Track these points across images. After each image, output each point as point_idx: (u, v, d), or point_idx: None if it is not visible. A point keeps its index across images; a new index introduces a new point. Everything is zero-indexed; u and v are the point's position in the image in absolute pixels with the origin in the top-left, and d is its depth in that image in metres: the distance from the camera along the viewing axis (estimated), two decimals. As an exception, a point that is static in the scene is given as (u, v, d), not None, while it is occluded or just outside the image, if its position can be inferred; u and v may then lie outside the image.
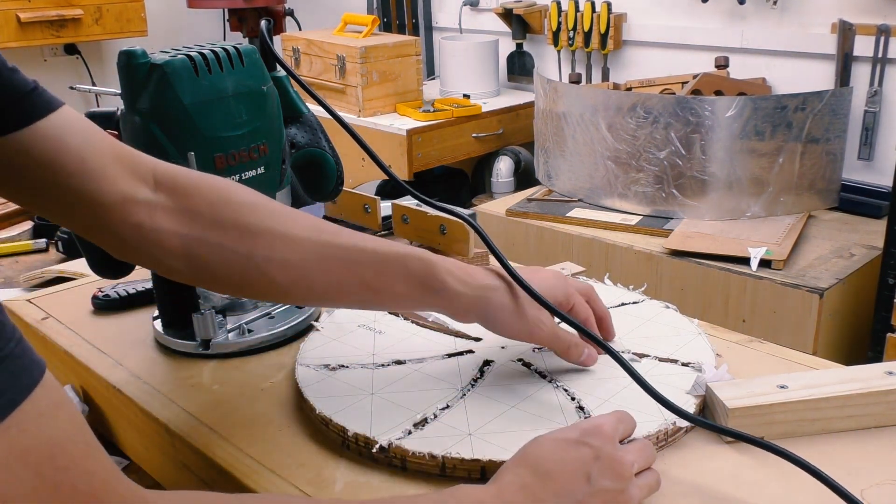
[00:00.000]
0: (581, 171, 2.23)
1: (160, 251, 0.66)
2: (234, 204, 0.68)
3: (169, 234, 0.65)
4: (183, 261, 0.66)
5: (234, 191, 0.69)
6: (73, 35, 3.12)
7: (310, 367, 0.78)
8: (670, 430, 0.67)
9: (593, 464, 0.58)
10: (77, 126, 0.62)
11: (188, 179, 0.68)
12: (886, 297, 1.76)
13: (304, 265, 0.68)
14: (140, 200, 0.65)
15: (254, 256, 0.66)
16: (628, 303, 0.89)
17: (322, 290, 0.69)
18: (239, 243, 0.66)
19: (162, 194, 0.66)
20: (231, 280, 0.68)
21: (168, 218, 0.66)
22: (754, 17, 2.42)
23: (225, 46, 0.79)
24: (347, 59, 2.76)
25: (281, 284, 0.68)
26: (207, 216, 0.67)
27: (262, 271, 0.67)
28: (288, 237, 0.68)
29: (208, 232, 0.66)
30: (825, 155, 2.07)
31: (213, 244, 0.66)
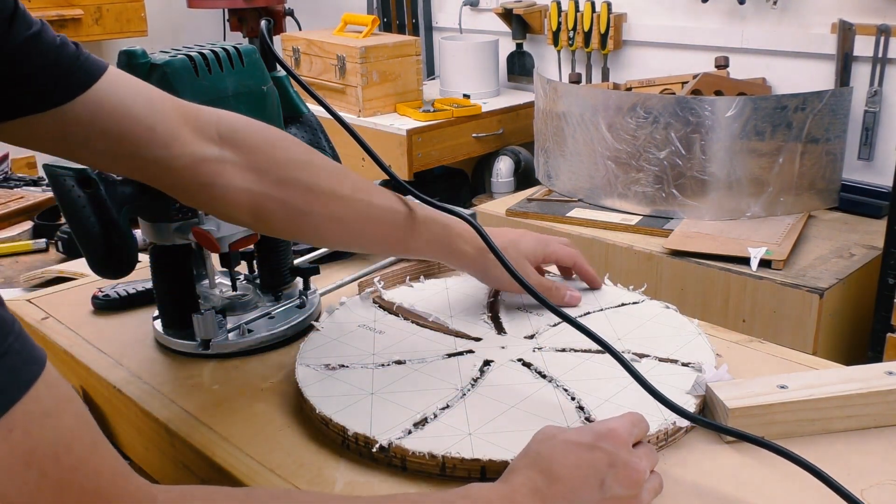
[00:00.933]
0: (581, 171, 2.23)
1: (229, 206, 0.71)
2: (295, 162, 0.74)
3: (238, 191, 0.70)
4: (249, 214, 0.72)
5: (293, 148, 0.75)
6: (73, 35, 3.11)
7: (310, 366, 0.78)
8: (670, 430, 0.67)
9: (608, 470, 0.57)
10: (136, 90, 0.64)
11: (249, 133, 0.72)
12: (886, 297, 1.76)
13: (349, 223, 0.77)
14: (210, 159, 0.69)
15: (312, 213, 0.74)
16: (628, 303, 0.89)
17: (359, 241, 0.81)
18: (301, 200, 0.73)
19: (228, 150, 0.70)
20: (288, 231, 0.77)
21: (237, 174, 0.70)
22: (754, 17, 2.42)
23: (225, 46, 0.79)
24: (347, 59, 2.76)
25: (328, 237, 0.79)
26: (273, 174, 0.72)
27: (316, 226, 0.76)
28: (338, 196, 0.76)
29: (274, 188, 0.72)
30: (825, 155, 2.06)
31: (278, 199, 0.72)
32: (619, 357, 0.69)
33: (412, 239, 0.81)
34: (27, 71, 0.58)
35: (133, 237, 0.78)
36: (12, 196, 1.68)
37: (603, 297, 0.90)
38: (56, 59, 0.59)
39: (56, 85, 0.59)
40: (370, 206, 0.78)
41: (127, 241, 0.78)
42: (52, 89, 0.59)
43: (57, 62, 0.59)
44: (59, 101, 0.59)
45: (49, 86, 0.59)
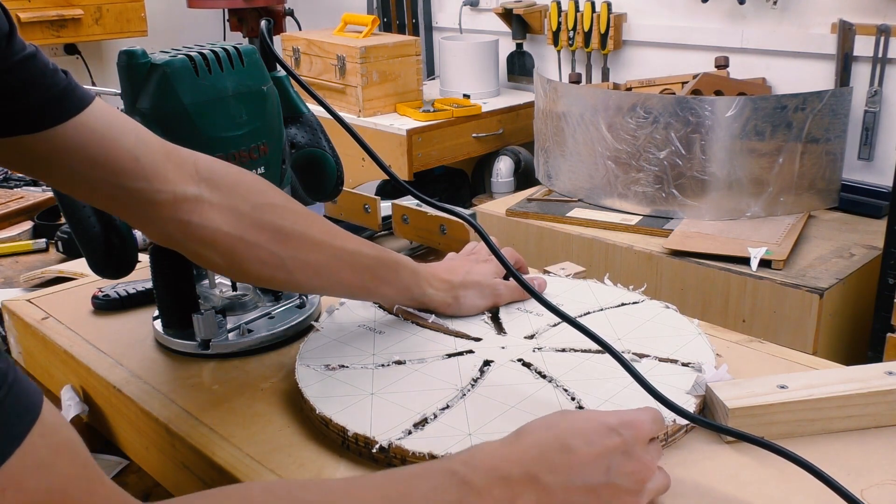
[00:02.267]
0: (581, 171, 2.23)
1: (203, 246, 0.70)
2: (270, 206, 0.74)
3: (214, 232, 0.70)
4: (223, 257, 0.71)
5: (269, 192, 0.76)
6: (73, 35, 3.12)
7: (310, 367, 0.78)
8: (670, 430, 0.67)
9: (618, 457, 0.57)
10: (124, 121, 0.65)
11: (227, 175, 0.72)
12: (886, 297, 1.76)
13: (320, 266, 0.77)
14: (189, 197, 0.68)
15: (285, 258, 0.74)
16: (628, 303, 0.89)
17: (329, 285, 0.80)
18: (274, 245, 0.73)
19: (205, 189, 0.70)
20: (260, 276, 0.75)
21: (214, 214, 0.70)
22: (754, 17, 2.42)
23: (225, 46, 0.79)
24: (347, 59, 2.76)
25: (299, 281, 0.77)
26: (249, 216, 0.72)
27: (289, 270, 0.75)
28: (311, 240, 0.76)
29: (248, 232, 0.72)
30: (825, 155, 2.07)
31: (252, 243, 0.72)
32: (619, 357, 0.69)
33: (378, 283, 0.82)
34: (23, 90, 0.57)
35: (133, 237, 0.78)
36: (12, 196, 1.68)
37: (603, 296, 0.90)
38: (51, 81, 0.59)
39: (50, 106, 0.59)
40: (342, 250, 0.78)
41: (127, 241, 0.78)
42: (45, 110, 0.59)
43: (52, 85, 0.59)
44: (52, 123, 0.59)
45: (43, 107, 0.58)
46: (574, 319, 0.73)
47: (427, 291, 0.85)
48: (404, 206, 1.05)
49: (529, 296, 0.86)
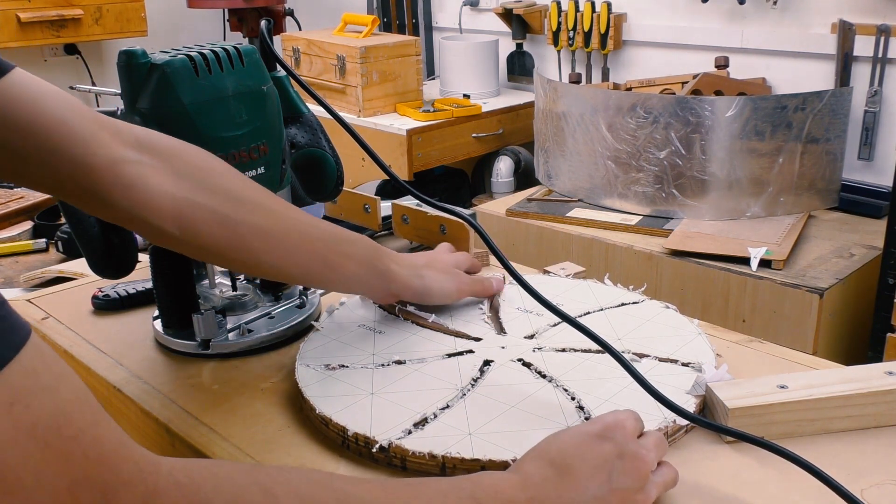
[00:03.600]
0: (581, 171, 2.23)
1: (152, 213, 0.66)
2: (218, 171, 0.71)
3: (161, 195, 0.66)
4: (172, 222, 0.67)
5: (214, 159, 0.72)
6: (73, 35, 3.12)
7: (310, 366, 0.78)
8: (670, 430, 0.67)
9: (616, 461, 0.57)
10: (49, 87, 0.62)
11: (170, 144, 0.69)
12: (886, 297, 1.76)
13: (277, 236, 0.73)
14: (130, 161, 0.65)
15: (238, 222, 0.70)
16: (628, 303, 0.89)
17: (288, 261, 0.75)
18: (227, 207, 0.70)
19: (147, 156, 0.66)
20: (215, 244, 0.70)
21: (160, 178, 0.66)
22: (754, 17, 2.42)
23: (225, 46, 0.79)
24: (347, 59, 2.76)
25: (257, 251, 0.72)
26: (197, 179, 0.69)
27: (244, 237, 0.71)
28: (266, 208, 0.73)
29: (198, 194, 0.68)
30: (825, 155, 2.07)
31: (203, 206, 0.68)
32: (619, 357, 0.69)
33: (338, 258, 0.78)
34: None
35: (133, 237, 0.78)
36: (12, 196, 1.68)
37: (603, 296, 0.90)
38: None
39: None
40: (297, 220, 0.75)
41: (127, 241, 0.78)
42: None
43: None
44: None
45: None
46: (574, 319, 0.73)
47: (390, 266, 0.81)
48: (404, 206, 1.05)
49: (489, 294, 0.89)
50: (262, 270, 0.78)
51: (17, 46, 3.00)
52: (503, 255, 0.79)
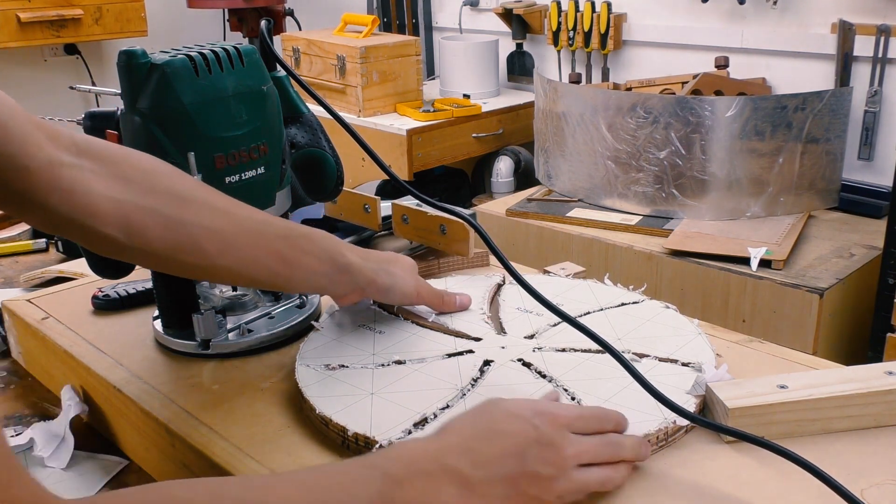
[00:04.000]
0: (581, 171, 2.23)
1: (93, 218, 0.63)
2: (163, 172, 0.69)
3: (103, 199, 0.63)
4: (117, 227, 0.64)
5: (158, 161, 0.70)
6: (73, 35, 3.12)
7: (310, 366, 0.78)
8: (670, 430, 0.67)
9: (532, 446, 0.58)
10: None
11: (110, 148, 0.67)
12: (886, 297, 1.76)
13: (229, 235, 0.70)
14: (68, 164, 0.62)
15: (186, 223, 0.67)
16: (628, 303, 0.89)
17: (244, 261, 0.71)
18: (173, 209, 0.67)
19: (86, 160, 0.64)
20: (164, 248, 0.67)
21: (100, 182, 0.64)
22: (754, 17, 2.42)
23: (225, 46, 0.79)
24: (347, 59, 2.76)
25: (209, 253, 0.69)
26: (140, 182, 0.66)
27: (194, 239, 0.68)
28: (215, 207, 0.70)
29: (142, 197, 0.66)
30: (825, 155, 2.07)
31: (148, 209, 0.66)
32: (619, 357, 0.69)
33: (296, 253, 0.74)
34: None
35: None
36: (12, 196, 1.68)
37: (603, 296, 0.90)
38: None
39: None
40: (249, 219, 0.72)
41: (127, 241, 0.77)
42: None
43: None
44: None
45: None
46: (574, 319, 0.73)
47: (351, 259, 0.77)
48: (404, 206, 1.05)
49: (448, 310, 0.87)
50: (217, 274, 0.74)
51: (17, 46, 3.00)
52: (503, 255, 0.79)
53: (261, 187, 0.82)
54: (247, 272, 0.72)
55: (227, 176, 0.78)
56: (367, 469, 0.55)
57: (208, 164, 0.76)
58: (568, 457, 0.59)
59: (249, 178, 0.80)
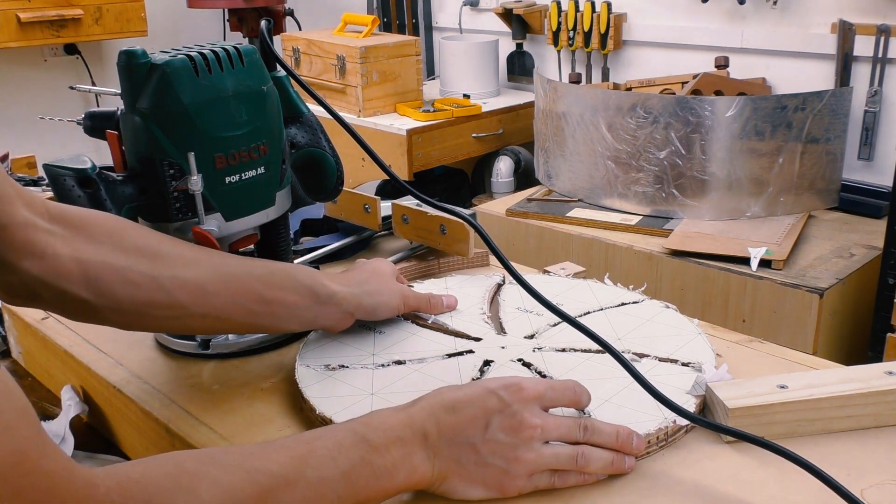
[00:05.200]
0: (581, 171, 2.23)
1: (65, 280, 0.65)
2: (130, 230, 0.71)
3: (69, 260, 0.65)
4: (87, 288, 0.66)
5: (125, 222, 0.71)
6: (73, 35, 3.12)
7: (310, 367, 0.78)
8: (670, 430, 0.67)
9: (495, 415, 0.61)
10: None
11: (79, 214, 0.69)
12: (886, 297, 1.76)
13: (203, 282, 0.70)
14: (41, 228, 0.65)
15: (158, 276, 0.69)
16: (628, 303, 0.89)
17: (221, 307, 0.72)
18: (143, 264, 0.68)
19: (58, 226, 0.66)
20: (137, 303, 0.68)
21: (67, 245, 0.66)
22: (754, 17, 2.42)
23: (225, 46, 0.79)
24: (347, 59, 2.76)
25: (184, 303, 0.70)
26: (108, 242, 0.68)
27: (167, 290, 0.69)
28: (185, 257, 0.71)
29: (111, 255, 0.67)
30: (825, 155, 2.07)
31: (118, 266, 0.67)
32: (619, 357, 0.69)
33: (275, 291, 0.74)
34: None
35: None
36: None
37: (603, 296, 0.90)
38: None
39: None
40: (220, 263, 0.73)
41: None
42: None
43: None
44: None
45: None
46: (574, 319, 0.73)
47: (334, 289, 0.77)
48: (404, 206, 1.05)
49: (436, 312, 0.88)
50: (194, 324, 0.73)
51: (17, 46, 3.00)
52: (503, 255, 0.79)
53: (261, 187, 0.82)
54: (226, 316, 0.72)
55: (227, 176, 0.78)
56: (350, 435, 0.59)
57: (208, 164, 0.76)
58: (533, 426, 0.61)
59: (249, 178, 0.80)
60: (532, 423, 0.61)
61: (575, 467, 0.62)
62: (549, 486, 0.62)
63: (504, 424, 0.61)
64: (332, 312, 0.78)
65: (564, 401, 0.65)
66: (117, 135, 0.79)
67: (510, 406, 0.61)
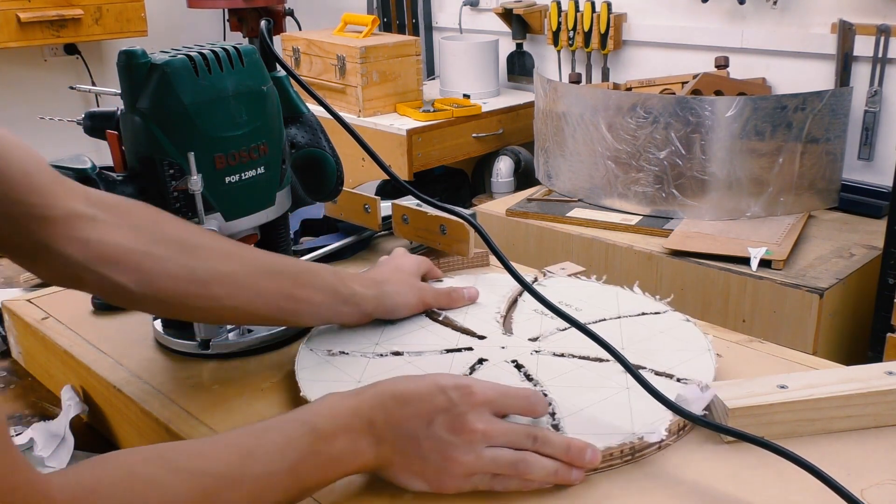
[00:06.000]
0: (581, 171, 2.23)
1: (107, 266, 0.66)
2: (169, 221, 0.72)
3: (116, 248, 0.67)
4: (130, 275, 0.67)
5: (162, 213, 0.73)
6: (73, 35, 3.12)
7: (312, 350, 0.79)
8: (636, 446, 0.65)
9: (440, 413, 0.61)
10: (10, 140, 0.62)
11: (119, 200, 0.70)
12: (886, 297, 1.76)
13: (236, 277, 0.73)
14: (83, 215, 0.66)
15: (196, 269, 0.70)
16: (649, 313, 0.86)
17: (253, 301, 0.74)
18: (184, 256, 0.70)
19: (100, 211, 0.67)
20: (176, 294, 0.70)
21: (114, 232, 0.67)
22: (754, 17, 2.42)
23: (225, 46, 0.79)
24: (347, 59, 2.76)
25: (218, 296, 0.72)
26: (150, 231, 0.70)
27: (203, 283, 0.71)
28: (221, 251, 0.73)
29: (153, 246, 0.69)
30: (825, 155, 2.07)
31: (159, 257, 0.69)
32: (619, 357, 0.69)
33: (302, 289, 0.77)
34: None
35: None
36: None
37: (626, 304, 0.88)
38: None
39: None
40: (255, 259, 0.76)
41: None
42: None
43: None
44: None
45: None
46: (575, 320, 0.72)
47: (355, 289, 0.80)
48: (404, 206, 1.05)
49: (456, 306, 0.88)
50: (226, 315, 0.76)
51: (17, 46, 3.00)
52: (503, 255, 0.79)
53: (261, 187, 0.82)
54: (255, 311, 0.75)
55: (227, 176, 0.78)
56: (299, 426, 0.59)
57: (208, 164, 0.76)
58: (475, 430, 0.61)
59: (249, 178, 0.80)
60: (474, 426, 0.61)
61: (515, 473, 0.61)
62: (489, 488, 0.62)
63: (447, 424, 0.61)
64: (352, 312, 0.81)
65: (516, 408, 0.65)
66: (117, 135, 0.79)
67: (457, 406, 0.61)
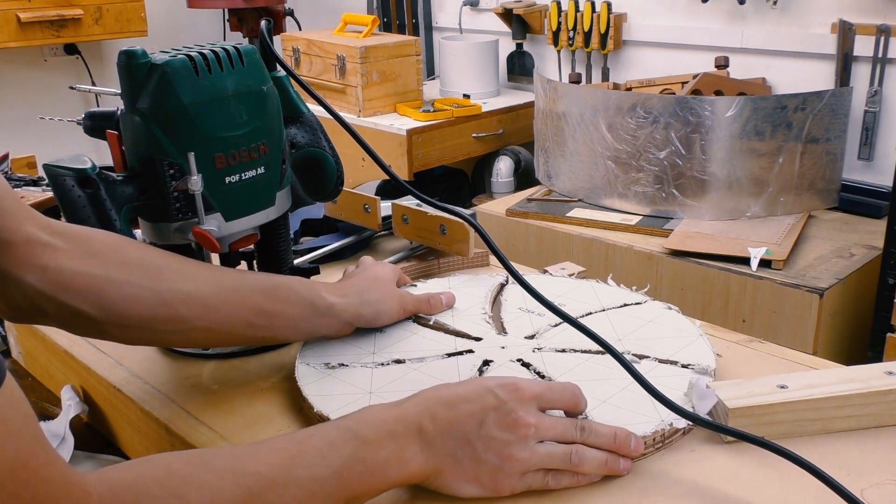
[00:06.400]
0: (581, 171, 2.23)
1: (67, 293, 0.65)
2: (131, 246, 0.71)
3: (74, 274, 0.66)
4: (90, 302, 0.66)
5: (125, 239, 0.72)
6: (73, 35, 3.12)
7: (310, 365, 0.78)
8: (667, 431, 0.67)
9: (490, 412, 0.61)
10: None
11: (80, 230, 0.69)
12: (886, 297, 1.76)
13: (204, 296, 0.71)
14: (44, 243, 0.65)
15: (160, 290, 0.69)
16: (631, 303, 0.89)
17: (222, 320, 0.72)
18: (145, 278, 0.69)
19: (60, 240, 0.66)
20: (140, 318, 0.69)
21: (71, 259, 0.66)
22: (754, 17, 2.42)
23: (225, 46, 0.79)
24: (347, 59, 2.76)
25: (186, 317, 0.70)
26: (110, 256, 0.68)
27: (169, 304, 0.69)
28: (186, 271, 0.72)
29: (113, 270, 0.68)
30: (825, 155, 2.07)
31: (121, 281, 0.68)
32: (619, 357, 0.69)
33: (276, 303, 0.75)
34: None
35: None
36: (12, 196, 1.68)
37: (606, 297, 0.90)
38: None
39: None
40: (221, 277, 0.74)
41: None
42: None
43: None
44: None
45: None
46: (574, 319, 0.73)
47: (332, 301, 0.78)
48: (404, 206, 1.05)
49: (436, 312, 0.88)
50: (196, 338, 0.74)
51: (17, 46, 3.00)
52: (503, 255, 0.79)
53: (261, 187, 0.82)
54: (227, 329, 0.73)
55: (227, 176, 0.78)
56: (342, 432, 0.59)
57: (208, 164, 0.76)
58: (528, 425, 0.61)
59: (249, 178, 0.80)
60: (527, 421, 0.61)
61: (569, 466, 0.62)
62: (543, 486, 0.62)
63: (499, 421, 0.61)
64: (331, 324, 0.79)
65: (562, 403, 0.65)
66: (117, 135, 0.78)
67: (506, 404, 0.61)
